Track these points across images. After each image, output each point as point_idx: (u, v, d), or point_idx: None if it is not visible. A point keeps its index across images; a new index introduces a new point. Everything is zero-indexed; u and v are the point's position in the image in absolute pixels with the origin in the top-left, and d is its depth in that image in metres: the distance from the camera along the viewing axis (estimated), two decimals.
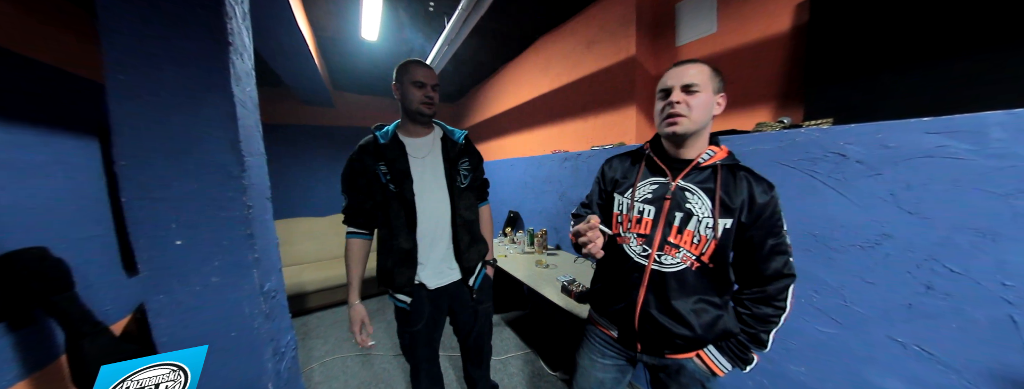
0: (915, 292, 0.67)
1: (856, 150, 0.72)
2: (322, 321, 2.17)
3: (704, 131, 0.59)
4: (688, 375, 0.63)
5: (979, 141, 0.58)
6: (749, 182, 0.57)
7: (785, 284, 0.58)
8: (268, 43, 1.65)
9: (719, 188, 0.57)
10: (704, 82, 0.56)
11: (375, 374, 1.57)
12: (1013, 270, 0.57)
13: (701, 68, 0.57)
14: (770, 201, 0.56)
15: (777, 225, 0.57)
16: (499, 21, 1.84)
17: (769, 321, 0.59)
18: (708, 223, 0.57)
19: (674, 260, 0.59)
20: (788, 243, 0.58)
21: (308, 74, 2.12)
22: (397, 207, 0.84)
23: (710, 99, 0.57)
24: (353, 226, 0.88)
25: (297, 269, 2.45)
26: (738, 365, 0.60)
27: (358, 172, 0.85)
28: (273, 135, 2.88)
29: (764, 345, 0.60)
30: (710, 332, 0.60)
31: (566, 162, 1.78)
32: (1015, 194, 0.56)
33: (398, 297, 0.87)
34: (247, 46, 0.77)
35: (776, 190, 0.58)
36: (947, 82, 0.76)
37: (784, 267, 0.57)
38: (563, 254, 1.74)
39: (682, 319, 0.59)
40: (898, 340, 0.70)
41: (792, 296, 0.59)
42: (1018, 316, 0.57)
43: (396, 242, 0.84)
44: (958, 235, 0.61)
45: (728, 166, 0.59)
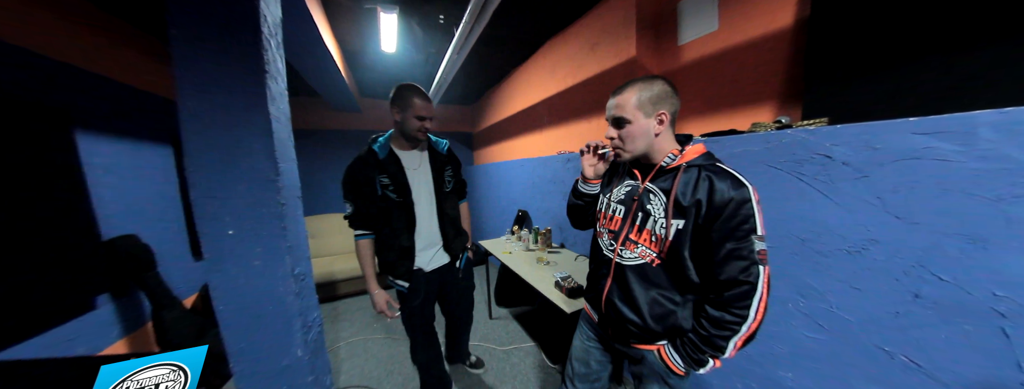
0: (902, 300, 0.65)
1: (842, 152, 0.70)
2: (350, 307, 2.41)
3: (657, 142, 0.62)
4: (648, 366, 0.67)
5: (968, 142, 0.56)
6: (711, 182, 0.55)
7: (742, 291, 0.54)
8: (302, 60, 1.87)
9: (675, 189, 0.59)
10: (631, 111, 0.60)
11: (392, 354, 1.74)
12: (1005, 280, 0.54)
13: (625, 98, 0.61)
14: (730, 202, 0.53)
15: (740, 229, 0.53)
16: (504, 28, 1.91)
17: (726, 327, 0.55)
18: (662, 223, 0.60)
19: (632, 255, 0.65)
20: (754, 250, 0.53)
21: (337, 84, 2.36)
22: (399, 213, 1.00)
23: (642, 125, 0.61)
24: (361, 229, 1.03)
25: (329, 260, 2.73)
26: (690, 365, 0.60)
27: (360, 182, 0.98)
28: (308, 140, 3.21)
29: (721, 351, 0.56)
30: (660, 325, 0.63)
31: (569, 163, 1.82)
32: (1006, 198, 0.53)
33: (399, 283, 1.05)
34: (280, 70, 0.92)
35: (749, 192, 0.54)
36: (946, 80, 0.71)
37: (741, 273, 0.54)
38: (565, 252, 1.78)
39: (636, 309, 0.64)
40: (885, 349, 0.68)
41: (758, 307, 0.54)
42: (1010, 329, 0.54)
43: (398, 241, 1.02)
44: (947, 241, 0.59)
45: (696, 167, 0.59)
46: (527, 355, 1.68)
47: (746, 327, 0.55)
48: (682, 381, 0.66)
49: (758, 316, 0.54)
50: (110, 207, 1.43)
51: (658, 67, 1.53)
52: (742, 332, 0.55)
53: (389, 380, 1.54)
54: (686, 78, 1.41)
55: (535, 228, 1.91)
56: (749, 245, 0.53)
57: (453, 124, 3.95)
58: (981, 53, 0.67)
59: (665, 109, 0.60)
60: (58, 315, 1.18)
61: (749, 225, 0.53)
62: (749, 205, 0.53)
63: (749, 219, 0.53)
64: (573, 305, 1.09)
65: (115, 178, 1.49)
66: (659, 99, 0.60)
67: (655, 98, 0.60)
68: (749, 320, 0.54)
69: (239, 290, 0.84)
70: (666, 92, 0.60)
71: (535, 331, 1.90)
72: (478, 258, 2.94)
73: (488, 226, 3.34)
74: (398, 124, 0.99)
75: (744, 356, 0.94)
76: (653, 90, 0.60)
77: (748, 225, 0.53)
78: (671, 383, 0.66)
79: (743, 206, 0.53)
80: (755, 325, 0.55)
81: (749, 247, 0.53)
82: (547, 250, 1.79)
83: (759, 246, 0.54)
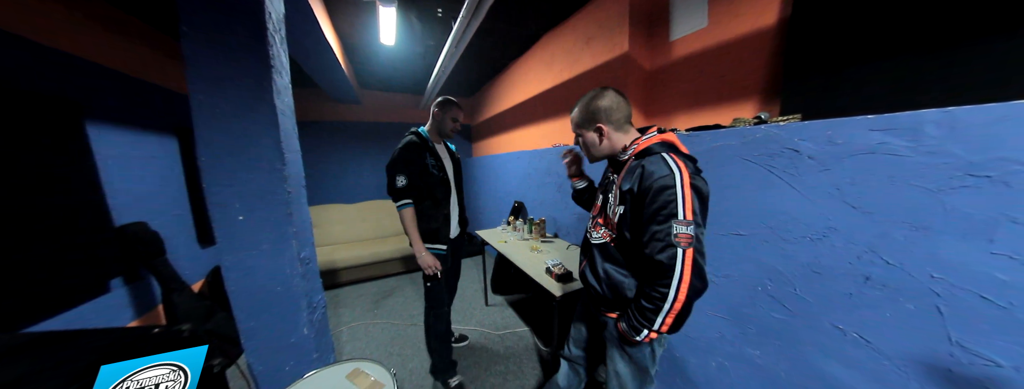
0: (855, 283, 0.71)
1: (808, 146, 0.75)
2: (351, 294, 2.50)
3: (610, 145, 0.71)
4: (609, 332, 0.77)
5: (916, 138, 0.61)
6: (642, 171, 0.61)
7: (659, 271, 0.57)
8: (303, 52, 1.90)
9: (620, 179, 0.67)
10: (577, 128, 0.74)
11: (391, 338, 1.84)
12: (942, 263, 0.60)
13: (572, 118, 0.76)
14: (652, 187, 0.58)
15: (660, 213, 0.57)
16: (502, 21, 1.93)
17: (652, 302, 0.59)
18: (612, 208, 0.69)
19: (598, 235, 0.75)
20: (673, 232, 0.55)
21: (337, 76, 2.38)
22: (442, 187, 1.25)
23: (589, 137, 0.73)
24: (408, 198, 1.19)
25: (330, 249, 2.81)
26: (630, 330, 0.65)
27: (414, 159, 1.20)
28: (309, 131, 3.24)
29: (651, 323, 0.60)
30: (614, 295, 0.72)
31: None
32: (945, 190, 0.59)
33: (438, 247, 1.25)
34: (284, 65, 0.97)
35: (674, 179, 0.56)
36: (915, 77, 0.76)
37: (658, 254, 0.57)
38: (558, 242, 1.85)
39: (598, 279, 0.75)
40: (839, 327, 0.75)
41: (679, 287, 0.56)
42: (944, 307, 0.61)
43: (440, 210, 1.24)
44: (894, 229, 0.65)
45: (640, 157, 0.66)
46: (520, 339, 1.77)
47: (668, 305, 0.57)
48: (637, 351, 0.72)
49: (680, 296, 0.56)
50: (121, 196, 1.49)
51: (651, 62, 1.56)
52: (665, 308, 0.58)
53: (389, 361, 1.63)
54: (676, 73, 1.45)
55: (529, 218, 1.98)
56: (667, 228, 0.56)
57: None
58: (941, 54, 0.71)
59: (602, 122, 0.69)
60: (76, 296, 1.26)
61: (668, 210, 0.56)
62: (672, 191, 0.56)
63: (669, 204, 0.56)
64: (563, 289, 1.17)
65: (125, 168, 1.55)
66: (591, 117, 0.70)
67: (588, 116, 0.71)
68: (670, 298, 0.57)
69: (249, 272, 0.91)
70: (603, 107, 0.69)
71: (529, 317, 1.99)
72: (475, 247, 3.02)
73: (485, 217, 3.41)
74: (437, 121, 1.25)
75: (717, 336, 1.02)
76: (589, 108, 0.70)
77: (668, 210, 0.56)
78: (627, 351, 0.74)
79: (664, 191, 0.57)
80: (678, 305, 0.57)
81: (667, 230, 0.56)
82: (541, 239, 1.86)
83: (679, 229, 0.55)
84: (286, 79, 0.98)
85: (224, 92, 0.82)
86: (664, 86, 1.52)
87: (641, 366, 0.75)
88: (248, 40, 0.82)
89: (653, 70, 1.56)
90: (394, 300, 2.36)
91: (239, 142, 0.85)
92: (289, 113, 0.98)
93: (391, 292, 2.51)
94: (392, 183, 1.18)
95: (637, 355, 0.73)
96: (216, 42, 0.80)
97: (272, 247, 0.92)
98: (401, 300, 2.35)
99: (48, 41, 1.22)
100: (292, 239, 0.93)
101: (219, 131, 0.83)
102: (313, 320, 1.04)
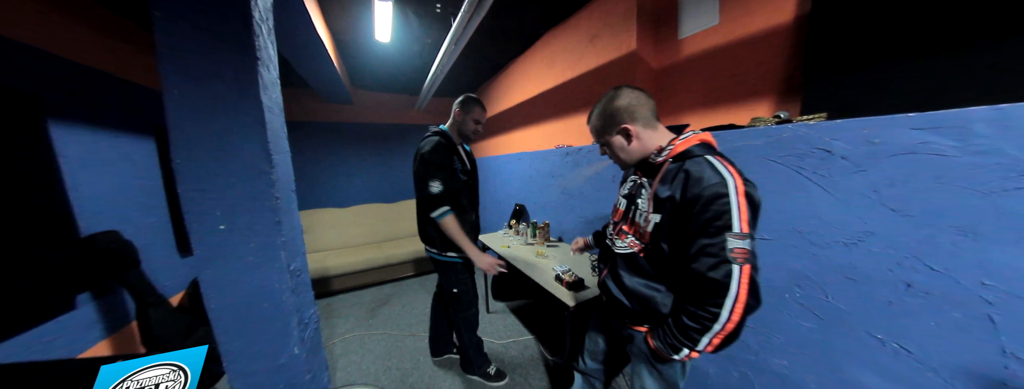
0: (895, 290, 0.67)
1: (841, 146, 0.71)
2: (344, 303, 2.38)
3: (640, 147, 0.64)
4: (636, 346, 0.71)
5: (963, 137, 0.57)
6: (686, 176, 0.54)
7: (710, 289, 0.51)
8: (292, 48, 1.80)
9: (655, 184, 0.61)
10: (600, 135, 0.68)
11: (388, 350, 1.73)
12: (994, 269, 0.56)
13: (591, 127, 0.70)
14: (702, 195, 0.51)
15: (711, 225, 0.51)
16: (503, 19, 1.87)
17: (699, 322, 0.54)
18: (644, 216, 0.63)
19: (623, 244, 0.69)
20: (727, 247, 0.50)
21: (328, 74, 2.27)
22: (469, 193, 1.21)
23: (615, 141, 0.66)
24: (448, 205, 1.11)
25: (322, 255, 2.68)
26: (666, 349, 0.60)
27: (448, 162, 1.12)
28: (298, 132, 3.11)
29: (694, 343, 0.55)
30: (643, 308, 0.66)
31: (568, 157, 1.81)
32: (998, 192, 0.55)
33: (460, 256, 1.19)
34: (272, 58, 0.88)
35: (727, 187, 0.50)
36: (947, 76, 0.73)
37: (710, 271, 0.51)
38: (563, 246, 1.79)
39: (624, 291, 0.69)
40: (876, 336, 0.71)
41: (733, 308, 0.51)
42: (997, 316, 0.57)
43: (467, 216, 1.20)
44: (940, 233, 0.61)
45: (681, 160, 0.58)
46: (525, 348, 1.70)
47: (719, 325, 0.52)
48: (668, 367, 0.67)
49: (734, 317, 0.51)
50: (89, 202, 1.36)
51: (658, 61, 1.52)
52: (715, 330, 0.52)
53: (387, 375, 1.53)
54: (686, 72, 1.42)
55: (532, 222, 1.91)
56: (720, 242, 0.50)
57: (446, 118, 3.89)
58: (980, 52, 0.68)
59: (627, 123, 0.63)
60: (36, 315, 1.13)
61: (722, 221, 0.50)
62: (725, 200, 0.50)
63: (722, 215, 0.50)
64: (576, 298, 1.10)
65: (94, 171, 1.41)
66: (612, 120, 0.64)
67: (608, 120, 0.64)
68: (722, 320, 0.51)
69: (232, 287, 0.81)
70: (622, 106, 0.63)
71: (533, 324, 1.92)
72: None
73: (484, 220, 3.33)
74: (458, 123, 1.17)
75: (740, 345, 0.97)
76: (608, 111, 0.64)
77: (721, 221, 0.50)
78: (657, 367, 0.68)
79: (716, 201, 0.50)
80: (731, 326, 0.52)
81: (720, 244, 0.50)
82: (545, 244, 1.79)
83: (734, 244, 0.49)
84: (274, 74, 0.89)
85: (203, 87, 0.73)
86: (672, 85, 1.48)
87: (671, 382, 0.69)
88: (231, 29, 0.74)
89: (660, 69, 1.52)
90: (391, 308, 2.25)
91: (220, 143, 0.75)
92: (277, 111, 0.89)
93: (387, 300, 2.40)
94: (425, 190, 1.07)
95: (668, 371, 0.68)
96: (193, 30, 0.71)
97: (258, 259, 0.83)
98: (398, 308, 2.25)
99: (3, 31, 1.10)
100: (280, 250, 0.84)
101: (197, 130, 0.74)
102: (305, 338, 0.95)
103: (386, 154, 3.56)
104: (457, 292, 1.23)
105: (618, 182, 1.36)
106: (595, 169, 1.58)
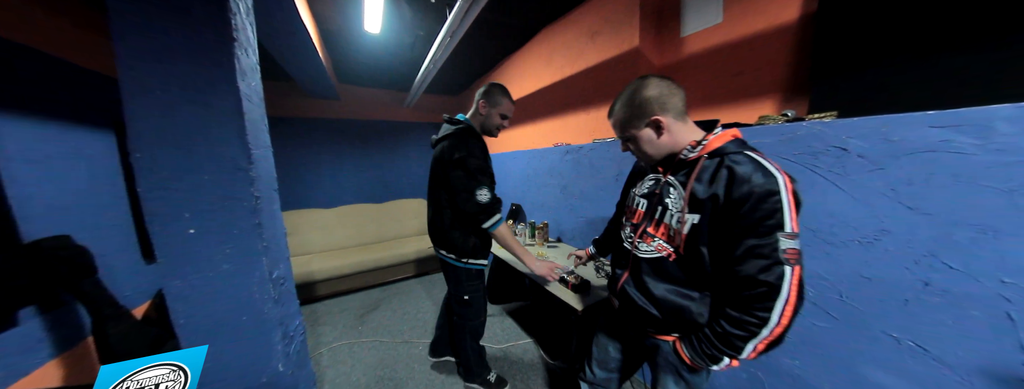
0: (912, 288, 0.66)
1: (858, 144, 0.70)
2: (330, 309, 2.25)
3: (670, 141, 0.59)
4: (662, 356, 0.66)
5: (985, 135, 0.57)
6: (730, 173, 0.51)
7: (760, 292, 0.49)
8: (272, 37, 1.66)
9: (691, 182, 0.56)
10: (626, 130, 0.62)
11: (380, 359, 1.64)
12: (1013, 267, 0.56)
13: (615, 120, 0.64)
14: (751, 195, 0.49)
15: (762, 224, 0.48)
16: (502, 12, 1.81)
17: (744, 328, 0.51)
18: (678, 217, 0.58)
19: (649, 248, 0.65)
20: (779, 248, 0.48)
21: (312, 67, 2.14)
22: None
23: (644, 135, 0.60)
24: (498, 213, 1.02)
25: (305, 259, 2.53)
26: (704, 360, 0.57)
27: (487, 168, 1.00)
28: (279, 128, 2.93)
29: (738, 351, 0.53)
30: (674, 318, 0.62)
31: (568, 155, 1.78)
32: (1020, 190, 0.55)
33: (482, 263, 1.13)
34: (251, 41, 0.79)
35: (777, 184, 0.48)
36: (959, 76, 0.73)
37: (760, 273, 0.49)
38: (563, 247, 1.76)
39: (652, 300, 0.64)
40: (892, 335, 0.70)
41: (783, 311, 0.49)
42: (1016, 314, 0.56)
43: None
44: (958, 231, 0.61)
45: (719, 156, 0.55)
46: (525, 352, 1.65)
47: (767, 330, 0.50)
48: (696, 376, 0.65)
49: (783, 321, 0.49)
50: (34, 203, 1.20)
51: (661, 59, 1.51)
52: (763, 335, 0.50)
53: (380, 386, 1.44)
54: (688, 71, 1.41)
55: (530, 222, 1.86)
56: (772, 242, 0.48)
57: (436, 116, 3.78)
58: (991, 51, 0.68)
59: (658, 114, 0.57)
60: None
61: (774, 221, 0.48)
62: (776, 198, 0.48)
63: (774, 214, 0.48)
64: (583, 302, 1.06)
65: (40, 169, 1.25)
66: (645, 108, 0.58)
67: (641, 110, 0.58)
68: (771, 324, 0.49)
69: (204, 299, 0.71)
70: (652, 96, 0.57)
71: (531, 327, 1.87)
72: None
73: None
74: (482, 117, 1.04)
75: None
76: (636, 102, 0.59)
77: (772, 221, 0.48)
78: (685, 376, 0.65)
79: (767, 199, 0.48)
80: (779, 330, 0.50)
81: (772, 245, 0.48)
82: (545, 244, 1.75)
83: (787, 244, 0.48)
84: (253, 59, 0.80)
85: (169, 69, 0.63)
86: None
87: None
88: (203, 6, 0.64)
89: (662, 67, 1.51)
90: (381, 314, 2.14)
91: (190, 135, 0.66)
92: (257, 100, 0.80)
93: (377, 305, 2.29)
94: (470, 199, 0.95)
95: (695, 381, 0.64)
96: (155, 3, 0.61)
97: (235, 267, 0.73)
98: (389, 314, 2.14)
99: None
100: (262, 256, 0.75)
101: (161, 120, 0.64)
102: (290, 353, 0.86)
103: (373, 153, 3.42)
104: (468, 299, 1.15)
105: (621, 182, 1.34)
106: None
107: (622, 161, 1.37)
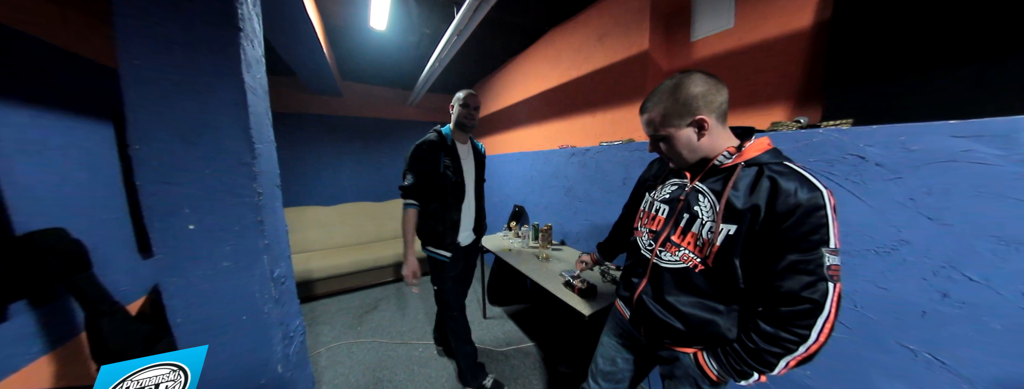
0: (930, 299, 0.65)
1: (876, 152, 0.69)
2: (329, 308, 2.22)
3: (707, 145, 0.56)
4: (681, 368, 0.64)
5: (1009, 146, 0.56)
6: (774, 184, 0.49)
7: (803, 310, 0.47)
8: (276, 30, 1.64)
9: (727, 191, 0.53)
10: (663, 128, 0.57)
11: (379, 360, 1.61)
12: None
13: (653, 115, 0.57)
14: (797, 209, 0.46)
15: (807, 240, 0.47)
16: (510, 12, 1.80)
17: (780, 345, 0.49)
18: (710, 227, 0.55)
19: (673, 257, 0.61)
20: (824, 264, 0.46)
21: (316, 63, 2.12)
22: (454, 190, 1.16)
23: (683, 135, 0.55)
24: (413, 199, 1.13)
25: (305, 257, 2.50)
26: (731, 375, 0.55)
27: (427, 159, 1.11)
28: (280, 124, 2.90)
29: (770, 368, 0.51)
30: (699, 332, 0.59)
31: (573, 157, 1.76)
32: None
33: (440, 252, 1.18)
34: (257, 32, 0.77)
35: (822, 198, 0.47)
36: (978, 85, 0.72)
37: (804, 290, 0.47)
38: (567, 249, 1.74)
39: (674, 313, 0.61)
40: (909, 347, 0.68)
41: (823, 328, 0.47)
42: None
43: (449, 214, 1.17)
44: (979, 242, 0.59)
45: (757, 165, 0.52)
46: (527, 355, 1.63)
47: (804, 348, 0.48)
48: (714, 387, 0.62)
49: (821, 338, 0.47)
50: (27, 195, 1.17)
51: (670, 63, 1.50)
52: (798, 352, 0.48)
53: (378, 388, 1.41)
54: None
55: (534, 224, 1.85)
56: (817, 258, 0.46)
57: (439, 115, 3.76)
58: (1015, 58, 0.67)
59: (702, 113, 0.53)
60: None
61: (819, 236, 0.46)
62: (822, 213, 0.46)
63: (819, 229, 0.46)
64: (591, 307, 1.04)
65: (35, 160, 1.22)
66: (690, 106, 0.53)
67: (684, 107, 0.53)
68: (809, 341, 0.48)
69: (202, 297, 0.69)
70: (698, 93, 0.52)
71: (533, 330, 1.85)
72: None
73: None
74: (453, 116, 1.18)
75: None
76: (680, 99, 0.53)
77: (818, 236, 0.46)
78: (703, 388, 0.63)
79: (813, 214, 0.46)
80: (816, 347, 0.48)
81: (817, 261, 0.46)
82: (549, 247, 1.73)
83: (830, 260, 0.46)
84: (259, 50, 0.78)
85: (172, 59, 0.61)
86: None
87: None
88: None
89: (670, 71, 1.50)
90: (380, 314, 2.12)
91: (192, 127, 0.64)
92: (262, 93, 0.78)
93: (376, 305, 2.26)
94: (401, 180, 1.14)
95: None
96: None
97: (235, 264, 0.71)
98: (388, 314, 2.12)
99: None
100: (263, 254, 0.73)
101: (162, 111, 0.62)
102: (289, 354, 0.84)
103: (375, 151, 3.39)
104: (437, 290, 1.23)
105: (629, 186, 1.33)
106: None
107: (630, 165, 1.35)
